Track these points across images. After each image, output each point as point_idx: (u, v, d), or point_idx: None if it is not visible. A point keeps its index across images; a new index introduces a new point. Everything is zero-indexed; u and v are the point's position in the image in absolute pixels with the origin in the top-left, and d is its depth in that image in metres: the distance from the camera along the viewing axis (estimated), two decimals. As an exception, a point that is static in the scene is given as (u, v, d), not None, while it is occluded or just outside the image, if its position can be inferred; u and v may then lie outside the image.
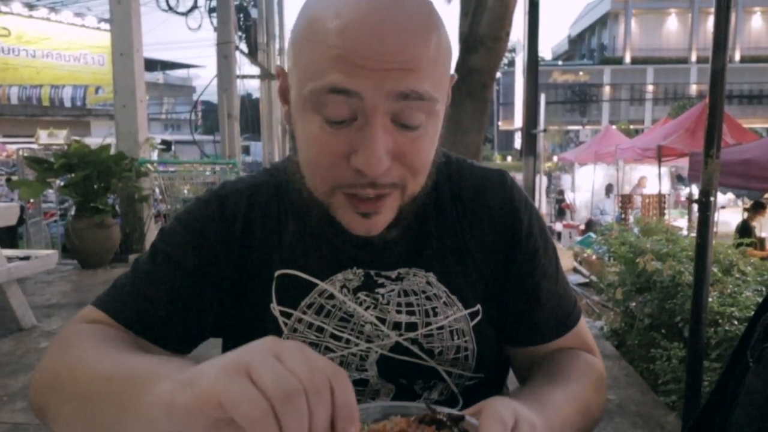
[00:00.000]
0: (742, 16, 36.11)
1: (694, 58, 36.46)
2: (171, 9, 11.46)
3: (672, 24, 38.47)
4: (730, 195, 7.68)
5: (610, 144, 11.44)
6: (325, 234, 0.80)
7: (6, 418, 2.92)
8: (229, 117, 9.74)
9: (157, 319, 0.76)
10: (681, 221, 9.02)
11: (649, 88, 37.16)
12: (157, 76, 37.06)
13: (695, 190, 7.62)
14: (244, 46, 12.08)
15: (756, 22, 37.80)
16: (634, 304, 3.81)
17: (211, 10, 11.14)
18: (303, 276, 0.80)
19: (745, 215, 7.55)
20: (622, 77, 37.49)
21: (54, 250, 5.84)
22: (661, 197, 9.87)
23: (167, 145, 19.86)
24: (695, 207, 2.50)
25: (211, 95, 11.87)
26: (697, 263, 2.36)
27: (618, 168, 11.76)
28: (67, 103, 22.10)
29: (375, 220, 0.72)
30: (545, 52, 53.11)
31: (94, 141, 8.78)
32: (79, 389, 0.62)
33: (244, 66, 12.24)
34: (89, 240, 6.35)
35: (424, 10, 0.66)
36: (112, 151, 6.93)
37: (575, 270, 7.74)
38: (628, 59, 37.63)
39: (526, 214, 0.85)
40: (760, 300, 0.86)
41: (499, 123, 36.44)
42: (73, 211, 7.17)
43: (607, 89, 37.79)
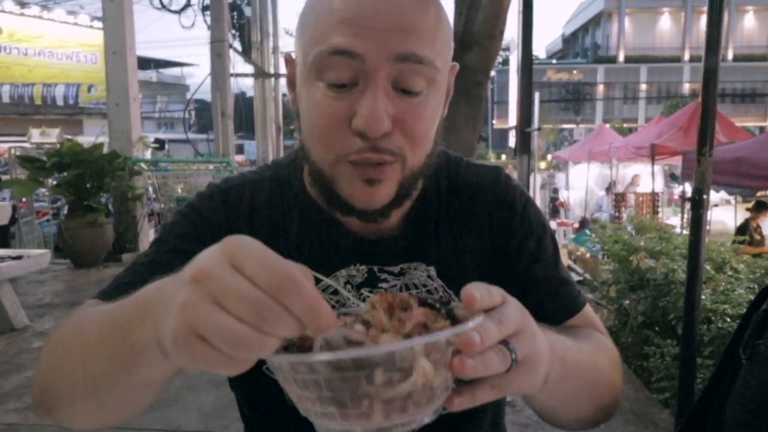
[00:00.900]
0: (735, 15, 36.30)
1: (687, 57, 36.62)
2: (164, 7, 11.42)
3: (665, 23, 38.63)
4: (723, 193, 7.72)
5: (603, 142, 11.46)
6: (329, 231, 0.81)
7: (-2, 418, 2.90)
8: (223, 115, 9.72)
9: None
10: (674, 219, 9.06)
11: (643, 86, 37.32)
12: (151, 75, 36.89)
13: (688, 189, 7.66)
14: (237, 45, 12.06)
15: (749, 21, 38.01)
16: (627, 302, 3.82)
17: (204, 8, 11.11)
18: None
19: (747, 215, 7.56)
20: (615, 76, 37.63)
21: (46, 249, 5.81)
22: (654, 195, 9.91)
23: (161, 143, 19.75)
24: (688, 205, 2.51)
25: (205, 93, 11.84)
26: (690, 261, 2.37)
27: (612, 166, 11.80)
28: (60, 102, 21.97)
29: (378, 190, 0.72)
30: (539, 50, 53.22)
31: (86, 140, 8.73)
32: (76, 355, 0.61)
33: (238, 64, 12.23)
34: (82, 239, 6.32)
35: None
36: (105, 149, 6.90)
37: (569, 268, 7.77)
38: (621, 58, 37.77)
39: (520, 204, 0.86)
40: (752, 297, 0.86)
41: (494, 121, 36.49)
42: (65, 210, 7.14)
43: (600, 88, 37.92)
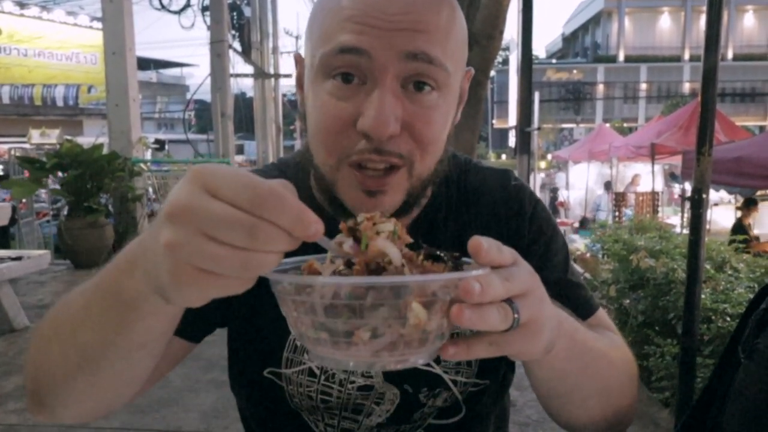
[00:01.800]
0: (735, 15, 36.29)
1: (687, 56, 36.61)
2: (164, 7, 11.42)
3: (665, 22, 38.62)
4: (723, 193, 7.71)
5: (603, 142, 11.46)
6: (334, 232, 0.80)
7: (-2, 419, 2.90)
8: (223, 116, 9.71)
9: None
10: (674, 219, 9.05)
11: (643, 86, 37.31)
12: (150, 75, 36.90)
13: (688, 188, 7.66)
14: (237, 45, 12.06)
15: (748, 20, 37.99)
16: (627, 302, 3.82)
17: (204, 9, 11.11)
18: None
19: (738, 214, 7.57)
20: (615, 75, 37.62)
21: (46, 250, 5.81)
22: (654, 195, 9.91)
23: (161, 144, 19.76)
24: (688, 204, 2.50)
25: (205, 94, 11.83)
26: (690, 260, 2.37)
27: (612, 166, 11.79)
28: (60, 102, 21.96)
29: (381, 200, 0.69)
30: (539, 50, 53.19)
31: (86, 140, 8.72)
32: (64, 330, 0.60)
33: (238, 65, 12.22)
34: (82, 240, 6.32)
35: None
36: (105, 150, 6.90)
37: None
38: (621, 57, 37.76)
39: (530, 207, 0.85)
40: (752, 296, 0.85)
41: (494, 121, 36.50)
42: (65, 211, 7.14)
43: (600, 87, 37.91)
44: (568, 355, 0.62)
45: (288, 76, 13.86)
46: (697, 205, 2.34)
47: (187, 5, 11.40)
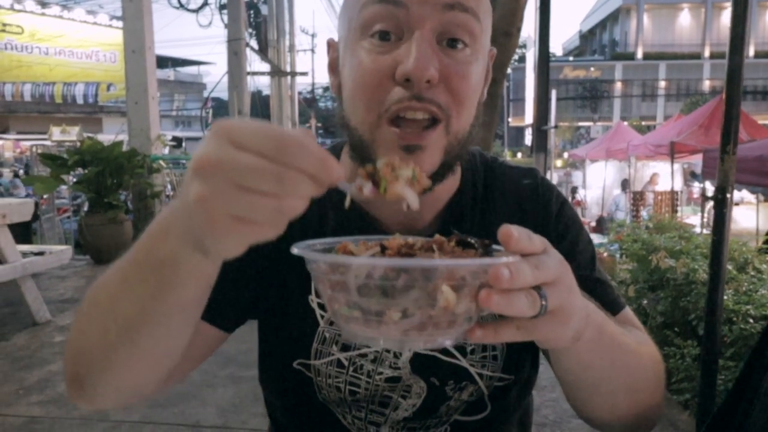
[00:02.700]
0: (756, 11, 35.63)
1: (707, 53, 36.05)
2: (182, 6, 11.52)
3: (685, 19, 38.06)
4: (745, 192, 7.58)
5: (621, 140, 11.33)
6: (366, 232, 0.80)
7: (22, 411, 2.95)
8: (240, 113, 9.77)
9: None
10: (694, 218, 8.93)
11: (661, 84, 36.82)
12: (168, 73, 37.27)
13: (709, 187, 7.55)
14: (254, 43, 12.12)
15: (771, 17, 37.32)
16: (646, 302, 3.78)
17: (221, 7, 11.19)
18: None
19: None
20: (633, 73, 37.18)
21: (67, 245, 5.90)
22: (673, 194, 9.77)
23: (178, 141, 19.96)
24: (708, 204, 2.47)
25: (222, 92, 11.91)
26: (713, 260, 2.34)
27: (630, 164, 11.66)
28: (80, 100, 22.28)
29: (420, 157, 0.69)
30: (556, 47, 52.79)
31: (105, 137, 8.85)
32: (103, 305, 0.61)
33: (255, 63, 12.31)
34: (102, 236, 6.40)
35: None
36: (125, 147, 6.99)
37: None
38: (640, 55, 37.30)
39: (556, 205, 0.86)
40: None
41: (510, 119, 36.26)
42: (86, 207, 7.24)
43: (618, 85, 37.49)
44: (596, 347, 0.62)
45: (304, 74, 13.93)
46: (721, 205, 2.30)
47: (205, 4, 11.50)
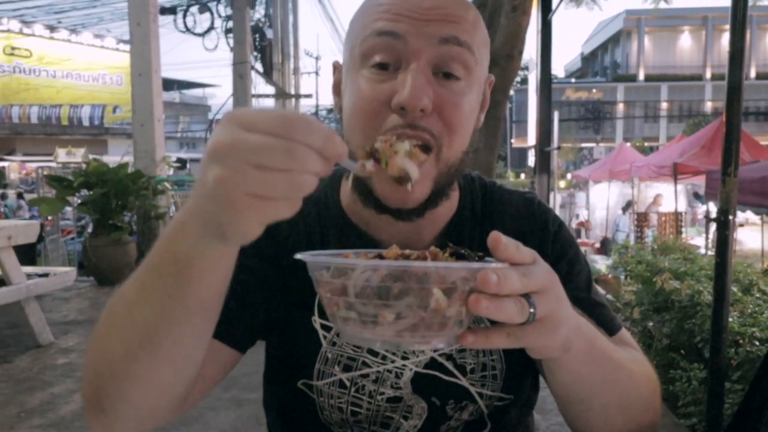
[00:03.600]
0: (757, 34, 35.94)
1: (708, 75, 36.29)
2: (188, 30, 11.70)
3: (685, 41, 38.40)
4: (749, 213, 7.56)
5: (624, 161, 11.36)
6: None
7: (23, 434, 2.93)
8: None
9: None
10: (698, 240, 8.90)
11: (664, 105, 36.99)
12: (174, 96, 37.64)
13: (713, 208, 7.53)
14: (259, 66, 12.27)
15: (771, 39, 37.60)
16: (651, 324, 3.75)
17: (227, 31, 11.36)
18: None
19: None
20: (635, 94, 37.39)
21: (71, 267, 5.91)
22: (677, 215, 9.75)
23: (182, 163, 20.08)
24: (713, 225, 2.47)
25: (227, 114, 12.00)
26: (717, 282, 2.33)
27: (633, 186, 11.66)
28: (86, 122, 22.52)
29: (411, 187, 0.71)
30: (558, 69, 53.16)
31: (111, 159, 8.92)
32: (122, 316, 0.61)
33: (260, 85, 12.44)
34: (106, 257, 6.41)
35: None
36: (130, 169, 7.04)
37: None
38: (641, 76, 37.56)
39: (553, 227, 0.88)
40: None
41: (512, 141, 36.40)
42: (90, 229, 7.27)
43: (620, 106, 37.68)
44: (587, 359, 0.63)
45: (309, 96, 14.05)
46: (724, 227, 2.30)
47: (211, 28, 11.67)
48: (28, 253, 7.74)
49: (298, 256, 0.54)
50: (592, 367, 0.65)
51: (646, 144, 29.41)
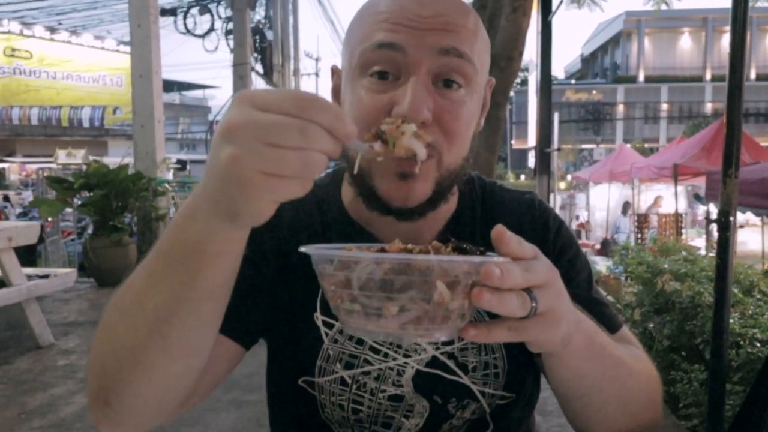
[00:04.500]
0: (757, 35, 35.95)
1: (708, 76, 36.30)
2: (189, 32, 11.71)
3: (685, 43, 38.42)
4: (750, 215, 7.56)
5: (625, 163, 11.36)
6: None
7: (23, 436, 2.93)
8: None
9: None
10: (698, 241, 8.89)
11: (664, 106, 37.01)
12: (174, 97, 37.67)
13: (713, 210, 7.52)
14: (259, 67, 12.27)
15: (771, 40, 37.62)
16: (652, 325, 3.75)
17: (227, 33, 11.36)
18: None
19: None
20: (635, 96, 37.40)
21: (71, 268, 5.91)
22: (677, 216, 9.75)
23: (182, 164, 20.09)
24: (713, 226, 2.47)
25: (227, 115, 12.01)
26: (718, 284, 2.32)
27: (633, 187, 11.66)
28: (86, 124, 22.54)
29: (413, 186, 0.72)
30: (558, 71, 53.20)
31: (110, 161, 8.93)
32: (129, 305, 0.61)
33: (260, 86, 12.41)
34: (106, 258, 6.41)
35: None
36: (130, 170, 7.04)
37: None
38: (641, 78, 37.57)
39: (554, 226, 0.88)
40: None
41: (513, 142, 36.41)
42: (90, 230, 7.27)
43: (620, 108, 37.69)
44: (587, 355, 0.64)
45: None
46: (724, 228, 2.30)
47: (212, 29, 11.67)
48: (28, 255, 7.75)
49: (303, 249, 0.55)
50: (592, 363, 0.66)
51: (647, 145, 29.41)
